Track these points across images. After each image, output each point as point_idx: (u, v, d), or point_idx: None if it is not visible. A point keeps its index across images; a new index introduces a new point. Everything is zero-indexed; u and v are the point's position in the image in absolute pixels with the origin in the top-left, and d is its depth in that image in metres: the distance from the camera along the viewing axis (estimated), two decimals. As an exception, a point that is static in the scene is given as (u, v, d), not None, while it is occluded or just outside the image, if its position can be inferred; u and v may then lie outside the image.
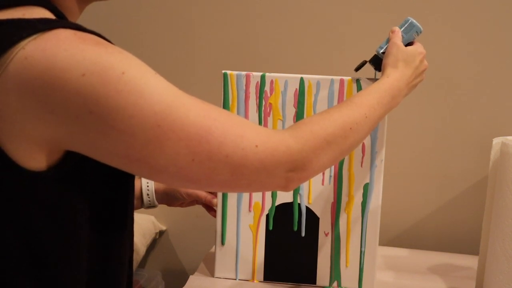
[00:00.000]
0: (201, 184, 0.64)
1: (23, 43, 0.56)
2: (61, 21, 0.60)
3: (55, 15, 0.64)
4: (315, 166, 0.71)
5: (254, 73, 1.03)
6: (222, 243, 1.08)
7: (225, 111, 0.67)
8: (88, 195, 0.64)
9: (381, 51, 0.97)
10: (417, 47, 0.95)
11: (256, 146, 0.64)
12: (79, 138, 0.58)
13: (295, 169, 0.69)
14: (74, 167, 0.61)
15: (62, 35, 0.57)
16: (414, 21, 0.98)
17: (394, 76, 0.89)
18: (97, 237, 0.66)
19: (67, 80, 0.55)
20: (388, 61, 0.92)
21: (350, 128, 0.76)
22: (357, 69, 1.00)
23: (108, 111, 0.56)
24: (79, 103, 0.56)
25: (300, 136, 0.69)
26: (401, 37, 0.96)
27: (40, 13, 0.62)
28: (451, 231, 1.34)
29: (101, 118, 0.56)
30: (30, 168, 0.58)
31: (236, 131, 0.63)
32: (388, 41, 0.96)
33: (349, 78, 1.01)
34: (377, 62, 0.97)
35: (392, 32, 0.97)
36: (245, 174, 0.64)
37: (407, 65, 0.92)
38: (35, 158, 0.58)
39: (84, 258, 0.65)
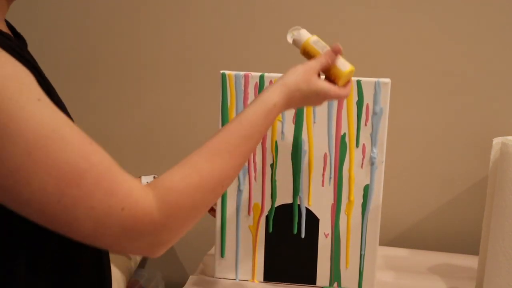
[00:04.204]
0: (64, 230, 0.58)
1: None
2: None
3: None
4: (180, 235, 0.66)
5: (253, 73, 1.02)
6: (222, 242, 1.08)
7: (107, 158, 0.59)
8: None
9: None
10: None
11: (122, 209, 0.58)
12: None
13: (157, 243, 0.63)
14: None
15: None
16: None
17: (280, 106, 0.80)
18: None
19: None
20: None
21: (222, 186, 0.70)
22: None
23: None
24: None
25: (166, 209, 0.62)
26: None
27: None
28: (451, 231, 1.34)
29: None
30: None
31: (109, 185, 0.58)
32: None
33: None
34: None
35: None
36: (107, 234, 0.59)
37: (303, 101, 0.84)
38: None
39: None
